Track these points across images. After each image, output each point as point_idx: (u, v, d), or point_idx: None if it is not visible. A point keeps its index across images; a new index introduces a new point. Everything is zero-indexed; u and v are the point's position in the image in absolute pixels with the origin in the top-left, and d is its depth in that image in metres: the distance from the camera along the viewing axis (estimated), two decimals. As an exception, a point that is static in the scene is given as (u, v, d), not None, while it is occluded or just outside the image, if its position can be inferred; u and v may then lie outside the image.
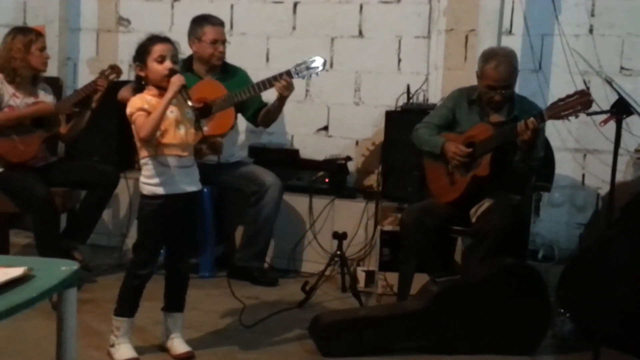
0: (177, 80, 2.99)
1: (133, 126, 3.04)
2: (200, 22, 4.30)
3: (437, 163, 3.81)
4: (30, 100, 4.03)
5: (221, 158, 4.30)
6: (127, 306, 3.14)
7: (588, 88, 3.46)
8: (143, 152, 3.06)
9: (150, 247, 3.13)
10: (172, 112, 3.04)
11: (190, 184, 3.13)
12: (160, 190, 3.05)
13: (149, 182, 3.06)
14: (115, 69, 4.11)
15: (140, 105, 3.01)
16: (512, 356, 3.29)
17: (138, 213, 3.17)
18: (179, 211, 3.10)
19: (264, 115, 4.30)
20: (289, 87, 3.98)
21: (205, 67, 4.31)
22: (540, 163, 3.71)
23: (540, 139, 3.62)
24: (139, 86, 3.09)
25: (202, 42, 4.26)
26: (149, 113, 2.98)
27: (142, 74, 3.07)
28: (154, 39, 3.07)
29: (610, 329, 3.16)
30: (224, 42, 4.32)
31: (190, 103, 3.04)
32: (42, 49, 4.03)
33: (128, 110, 3.04)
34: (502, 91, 3.66)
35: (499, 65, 3.63)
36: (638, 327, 3.17)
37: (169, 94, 2.98)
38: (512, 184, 3.72)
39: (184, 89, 3.01)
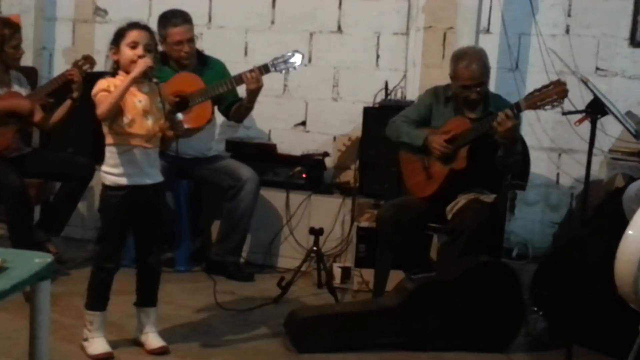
0: (142, 62, 2.95)
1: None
2: (164, 23, 4.22)
3: (414, 158, 3.83)
4: (4, 90, 3.98)
5: (198, 152, 4.34)
6: (97, 300, 3.11)
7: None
8: (109, 139, 3.03)
9: (114, 239, 3.10)
10: (141, 102, 3.01)
11: (154, 175, 3.09)
12: (123, 181, 3.02)
13: (112, 171, 3.03)
14: (88, 59, 4.07)
15: (105, 86, 2.99)
16: (486, 353, 3.32)
17: (100, 204, 3.12)
18: (142, 203, 3.06)
19: (235, 111, 4.28)
20: (257, 81, 3.96)
21: (178, 64, 4.27)
22: (520, 157, 3.74)
23: (519, 133, 3.65)
24: (113, 71, 3.07)
25: (167, 44, 4.20)
26: None
27: (114, 57, 3.05)
28: (131, 25, 3.05)
29: (582, 327, 3.20)
30: (190, 40, 4.24)
31: (154, 80, 3.00)
32: (16, 46, 3.95)
33: (93, 90, 3.01)
34: (477, 89, 3.69)
35: (471, 64, 3.66)
36: (610, 326, 3.20)
37: (132, 74, 2.94)
38: (487, 181, 3.75)
39: (150, 71, 2.97)
